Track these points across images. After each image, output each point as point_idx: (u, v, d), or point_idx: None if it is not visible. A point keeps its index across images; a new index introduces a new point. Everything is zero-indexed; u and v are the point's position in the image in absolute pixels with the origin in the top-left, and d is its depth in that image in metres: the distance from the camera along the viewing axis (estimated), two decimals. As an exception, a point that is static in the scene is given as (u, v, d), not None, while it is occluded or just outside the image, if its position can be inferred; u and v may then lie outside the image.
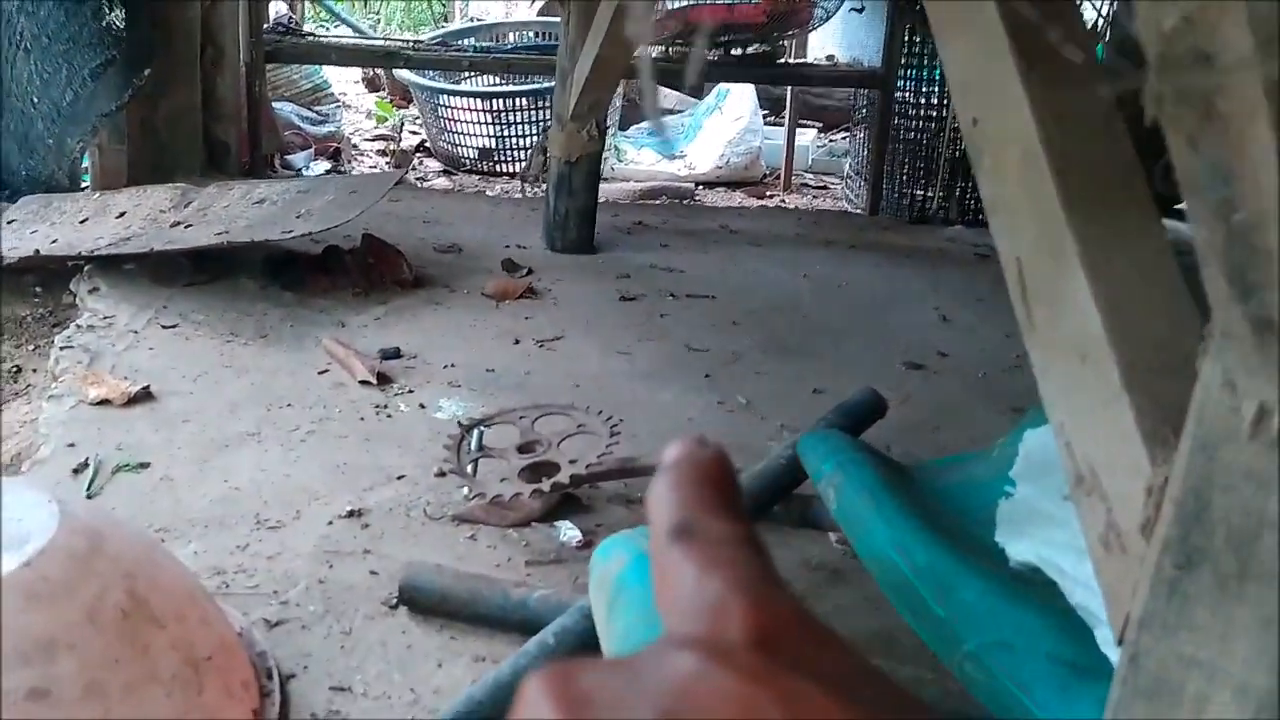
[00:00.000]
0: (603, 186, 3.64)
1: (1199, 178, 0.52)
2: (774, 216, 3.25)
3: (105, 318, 1.89)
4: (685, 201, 3.58)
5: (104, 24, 2.41)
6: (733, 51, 3.46)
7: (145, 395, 1.61)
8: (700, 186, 3.87)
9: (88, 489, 1.36)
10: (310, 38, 3.43)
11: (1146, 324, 0.69)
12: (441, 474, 1.40)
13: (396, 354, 1.81)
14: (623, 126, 4.45)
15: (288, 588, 1.18)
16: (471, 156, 3.94)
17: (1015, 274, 0.77)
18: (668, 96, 4.96)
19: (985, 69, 0.80)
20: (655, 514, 0.27)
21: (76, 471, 1.40)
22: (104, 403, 1.57)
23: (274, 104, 3.57)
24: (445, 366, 1.79)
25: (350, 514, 1.33)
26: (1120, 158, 0.76)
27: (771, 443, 1.51)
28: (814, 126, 4.75)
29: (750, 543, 0.26)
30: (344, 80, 4.96)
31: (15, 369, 1.87)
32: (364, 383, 1.69)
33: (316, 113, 3.99)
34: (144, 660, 0.89)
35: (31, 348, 1.94)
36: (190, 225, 2.17)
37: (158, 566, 1.01)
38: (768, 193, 3.89)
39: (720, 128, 4.23)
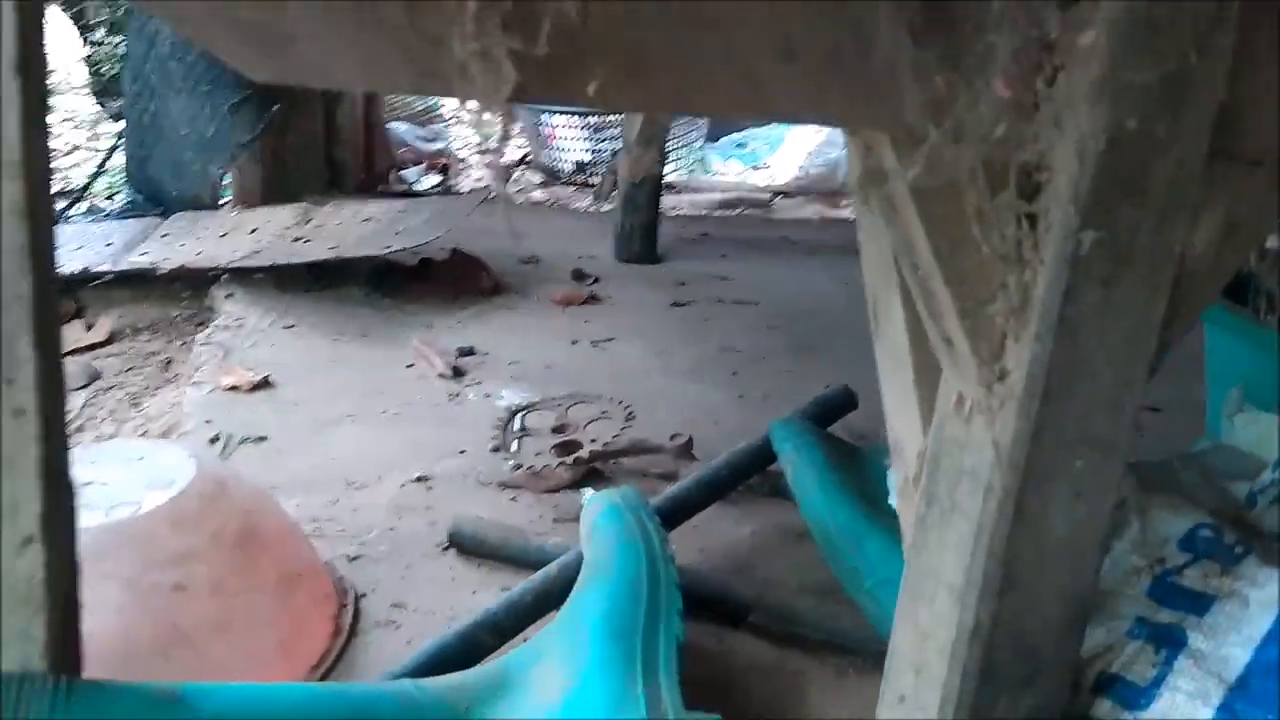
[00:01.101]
0: (686, 197, 3.95)
1: (899, 248, 0.79)
2: (835, 227, 3.49)
3: (237, 319, 2.29)
4: (761, 212, 3.85)
5: (241, 68, 2.83)
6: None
7: (266, 383, 1.99)
8: (779, 196, 4.13)
9: (220, 455, 1.73)
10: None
11: (934, 337, 0.95)
12: (495, 449, 1.72)
13: (471, 351, 2.15)
14: (711, 138, 4.73)
15: (365, 533, 1.52)
16: (568, 169, 4.29)
17: (871, 299, 1.04)
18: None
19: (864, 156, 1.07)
20: None
21: (211, 442, 1.77)
22: (234, 389, 1.95)
23: (390, 124, 3.99)
24: (510, 362, 2.12)
25: (419, 479, 1.66)
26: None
27: (775, 430, 1.78)
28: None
29: None
30: (459, 98, 5.37)
31: (167, 360, 2.27)
32: (442, 375, 2.04)
33: (429, 131, 4.40)
34: (254, 572, 1.24)
35: (180, 343, 2.35)
36: (309, 240, 2.56)
37: (266, 509, 1.36)
38: (842, 202, 4.12)
39: (802, 139, 4.48)
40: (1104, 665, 0.88)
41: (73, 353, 2.26)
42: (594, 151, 4.28)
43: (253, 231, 2.71)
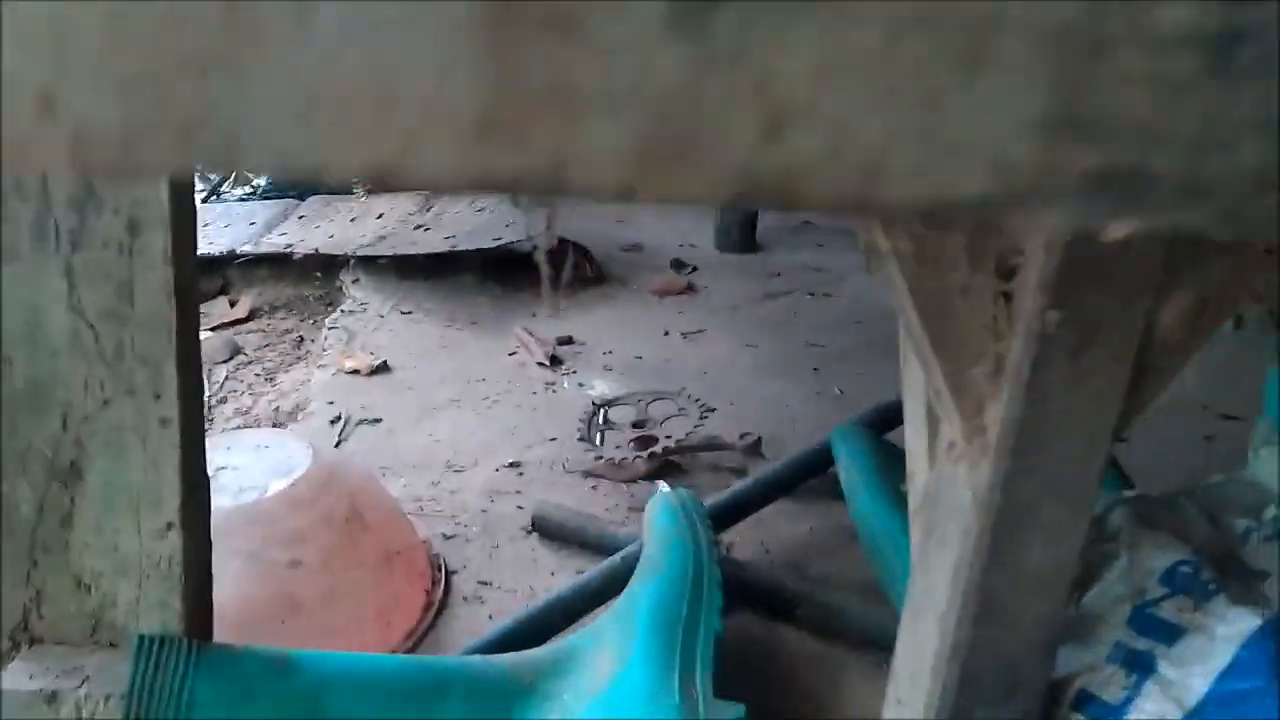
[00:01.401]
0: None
1: (897, 312, 0.90)
2: (942, 214, 3.51)
3: (362, 303, 2.50)
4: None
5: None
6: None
7: (383, 368, 2.19)
8: (889, 179, 4.16)
9: (339, 435, 1.94)
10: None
11: (945, 380, 1.05)
12: (580, 439, 1.88)
13: (570, 341, 2.31)
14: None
15: (460, 514, 1.69)
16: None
17: (902, 339, 1.14)
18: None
19: (865, 235, 1.18)
20: None
21: (333, 423, 1.98)
22: (354, 372, 2.16)
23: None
24: (604, 353, 2.27)
25: (511, 465, 1.83)
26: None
27: (847, 429, 1.88)
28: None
29: None
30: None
31: (300, 338, 2.50)
32: (540, 364, 2.20)
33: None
34: (357, 550, 1.42)
35: (311, 321, 2.58)
36: (428, 229, 2.76)
37: (371, 492, 1.54)
38: (954, 185, 4.12)
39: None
40: (1083, 684, 0.98)
41: (218, 328, 2.51)
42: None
43: (379, 217, 2.92)
